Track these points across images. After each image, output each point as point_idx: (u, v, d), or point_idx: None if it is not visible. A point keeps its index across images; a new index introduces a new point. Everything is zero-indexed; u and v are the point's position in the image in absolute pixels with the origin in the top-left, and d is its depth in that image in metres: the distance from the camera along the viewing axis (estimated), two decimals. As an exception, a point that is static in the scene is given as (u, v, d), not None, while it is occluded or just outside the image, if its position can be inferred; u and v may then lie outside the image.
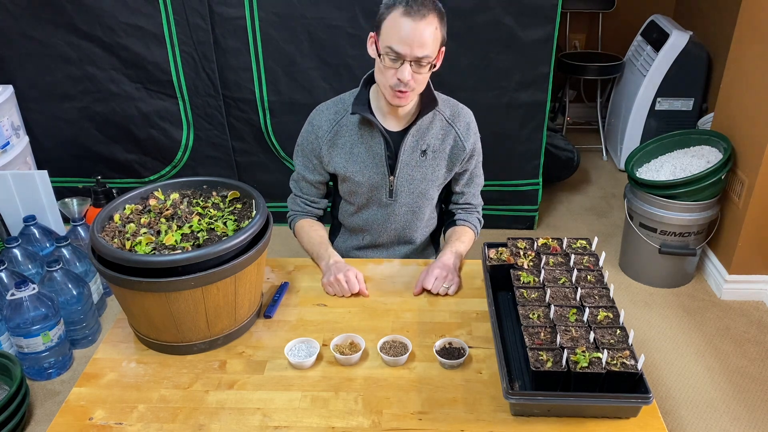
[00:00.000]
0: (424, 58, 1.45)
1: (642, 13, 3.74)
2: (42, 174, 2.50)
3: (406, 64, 1.45)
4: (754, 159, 2.34)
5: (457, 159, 1.69)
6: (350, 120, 1.65)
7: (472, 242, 1.78)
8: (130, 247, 1.31)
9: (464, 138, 1.67)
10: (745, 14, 2.44)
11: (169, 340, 1.36)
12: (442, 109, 1.66)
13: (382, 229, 1.76)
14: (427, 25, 1.42)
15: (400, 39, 1.43)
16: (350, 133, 1.65)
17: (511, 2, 2.55)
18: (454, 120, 1.67)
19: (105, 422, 1.22)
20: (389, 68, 1.47)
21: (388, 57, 1.46)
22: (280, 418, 1.22)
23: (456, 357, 1.33)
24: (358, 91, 1.65)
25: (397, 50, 1.44)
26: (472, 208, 1.81)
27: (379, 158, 1.65)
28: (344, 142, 1.66)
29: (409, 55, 1.44)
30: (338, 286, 1.56)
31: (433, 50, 1.46)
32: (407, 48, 1.43)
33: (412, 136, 1.64)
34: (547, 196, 3.32)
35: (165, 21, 2.66)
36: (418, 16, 1.41)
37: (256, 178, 3.01)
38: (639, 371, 1.15)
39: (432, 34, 1.44)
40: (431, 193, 1.72)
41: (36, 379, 2.19)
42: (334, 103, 1.68)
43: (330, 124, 1.66)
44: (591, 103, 4.16)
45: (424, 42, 1.43)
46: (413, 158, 1.66)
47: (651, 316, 2.50)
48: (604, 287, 1.39)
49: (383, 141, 1.63)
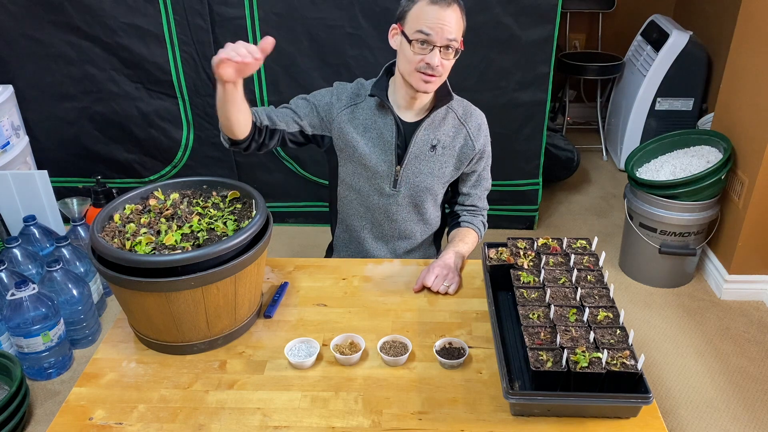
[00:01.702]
0: (452, 42, 1.50)
1: (642, 13, 3.74)
2: (42, 174, 2.50)
3: (436, 50, 1.50)
4: (754, 159, 2.34)
5: (466, 158, 1.70)
6: (368, 103, 1.67)
7: (475, 244, 1.78)
8: (130, 247, 1.31)
9: (475, 138, 1.69)
10: (745, 14, 2.44)
11: (169, 340, 1.36)
12: (456, 107, 1.69)
13: (382, 220, 1.75)
14: (453, 11, 1.49)
15: (429, 24, 1.48)
16: (365, 115, 1.67)
17: (511, 2, 2.55)
18: (466, 119, 1.69)
19: (105, 422, 1.22)
20: (419, 54, 1.51)
21: (418, 42, 1.50)
22: (280, 418, 1.22)
23: (456, 357, 1.33)
24: (378, 77, 1.67)
25: (427, 33, 1.48)
26: (477, 211, 1.82)
27: (389, 146, 1.66)
28: (358, 123, 1.67)
29: (439, 39, 1.49)
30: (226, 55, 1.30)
31: (459, 35, 1.52)
32: (438, 31, 1.48)
33: (425, 129, 1.65)
34: (547, 196, 3.32)
35: (165, 21, 2.66)
36: (444, 3, 1.48)
37: (256, 178, 3.01)
38: (639, 371, 1.15)
39: (457, 21, 1.51)
40: (436, 188, 1.72)
41: (36, 379, 2.19)
42: (353, 85, 1.71)
43: (349, 100, 1.68)
44: (591, 103, 4.16)
45: (452, 27, 1.49)
46: (423, 151, 1.67)
47: (651, 316, 2.50)
48: (604, 287, 1.39)
49: (396, 129, 1.64)
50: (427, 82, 1.54)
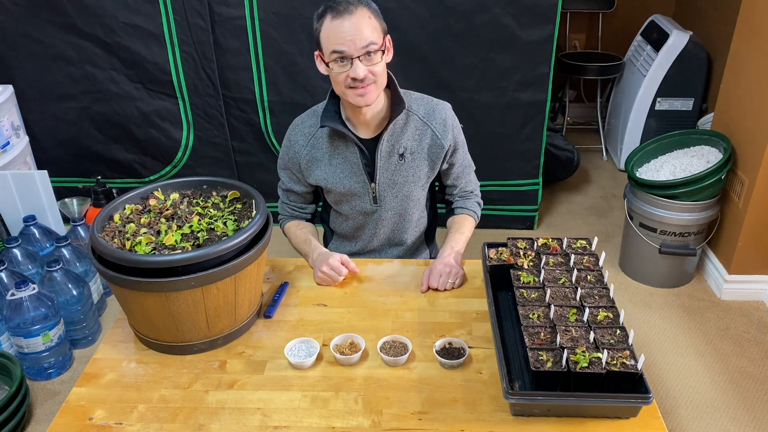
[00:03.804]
0: (369, 46, 1.45)
1: (642, 13, 3.74)
2: (42, 174, 2.50)
3: (356, 61, 1.45)
4: (754, 159, 2.34)
5: (438, 157, 1.68)
6: (324, 132, 1.65)
7: (473, 228, 1.78)
8: (130, 247, 1.31)
9: (441, 135, 1.66)
10: (745, 14, 2.44)
11: (169, 340, 1.36)
12: (415, 109, 1.65)
13: (372, 235, 1.77)
14: (358, 18, 1.44)
15: (339, 41, 1.44)
16: (325, 145, 1.65)
17: (511, 2, 2.55)
18: (429, 118, 1.65)
19: (105, 422, 1.22)
20: (341, 72, 1.47)
21: (336, 62, 1.47)
22: (280, 418, 1.22)
23: (456, 357, 1.33)
24: (325, 104, 1.64)
25: (340, 50, 1.44)
26: (469, 194, 1.81)
27: (357, 167, 1.65)
28: (322, 155, 1.66)
29: (353, 50, 1.44)
30: (328, 278, 1.59)
31: (376, 37, 1.46)
32: (349, 44, 1.44)
33: (387, 141, 1.63)
34: (547, 196, 3.32)
35: (165, 21, 2.66)
36: (346, 13, 1.44)
37: (256, 178, 3.01)
38: (639, 371, 1.15)
39: (367, 24, 1.45)
40: (416, 194, 1.71)
41: (36, 379, 2.19)
42: (308, 116, 1.68)
43: (306, 139, 1.66)
44: (591, 103, 4.16)
45: (361, 33, 1.44)
46: (391, 163, 1.65)
47: (651, 316, 2.50)
48: (604, 287, 1.39)
49: (358, 150, 1.63)
50: (362, 95, 1.49)
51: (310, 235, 1.74)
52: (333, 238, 1.88)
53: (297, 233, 1.76)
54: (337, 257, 1.60)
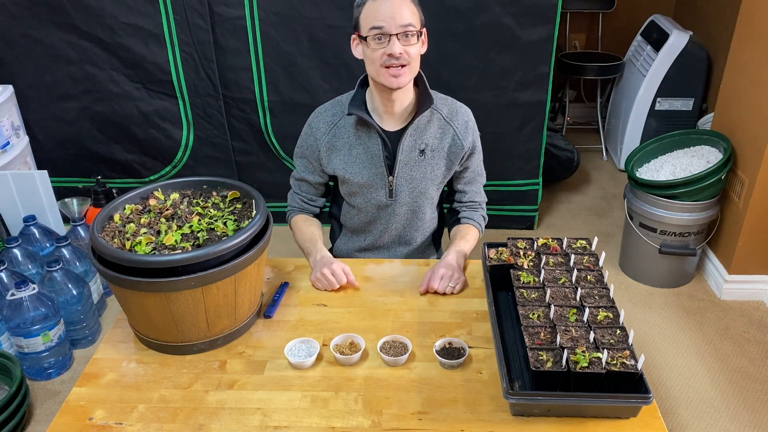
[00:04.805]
0: (408, 26, 1.48)
1: (642, 13, 3.75)
2: (42, 174, 2.50)
3: (394, 39, 1.48)
4: (754, 159, 2.34)
5: (456, 157, 1.69)
6: (347, 121, 1.66)
7: (477, 240, 1.78)
8: (130, 247, 1.31)
9: (462, 136, 1.68)
10: (745, 14, 2.44)
11: (169, 340, 1.36)
12: (440, 107, 1.67)
13: (383, 230, 1.77)
14: (401, 1, 1.48)
15: (380, 18, 1.47)
16: (348, 134, 1.66)
17: (511, 2, 2.55)
18: (451, 118, 1.67)
19: (105, 422, 1.22)
20: (378, 49, 1.50)
21: (374, 38, 1.49)
22: (280, 418, 1.22)
23: (456, 357, 1.33)
24: (354, 92, 1.66)
25: (379, 26, 1.47)
26: (476, 205, 1.81)
27: (378, 159, 1.65)
28: (342, 144, 1.66)
29: (393, 27, 1.47)
30: (325, 281, 1.58)
31: (415, 21, 1.50)
32: (389, 20, 1.46)
33: (410, 135, 1.64)
34: (547, 196, 3.32)
35: (165, 21, 2.66)
36: None
37: (256, 178, 3.01)
38: (639, 371, 1.15)
39: (408, 7, 1.50)
40: (431, 192, 1.72)
41: (36, 379, 2.19)
42: (331, 105, 1.69)
43: (328, 126, 1.67)
44: (591, 103, 4.16)
45: (401, 12, 1.47)
46: (412, 157, 1.66)
47: (651, 316, 2.50)
48: (604, 287, 1.39)
49: (381, 141, 1.63)
50: (397, 75, 1.51)
51: (316, 235, 1.73)
52: (342, 233, 1.87)
53: (303, 229, 1.75)
54: (340, 264, 1.60)
